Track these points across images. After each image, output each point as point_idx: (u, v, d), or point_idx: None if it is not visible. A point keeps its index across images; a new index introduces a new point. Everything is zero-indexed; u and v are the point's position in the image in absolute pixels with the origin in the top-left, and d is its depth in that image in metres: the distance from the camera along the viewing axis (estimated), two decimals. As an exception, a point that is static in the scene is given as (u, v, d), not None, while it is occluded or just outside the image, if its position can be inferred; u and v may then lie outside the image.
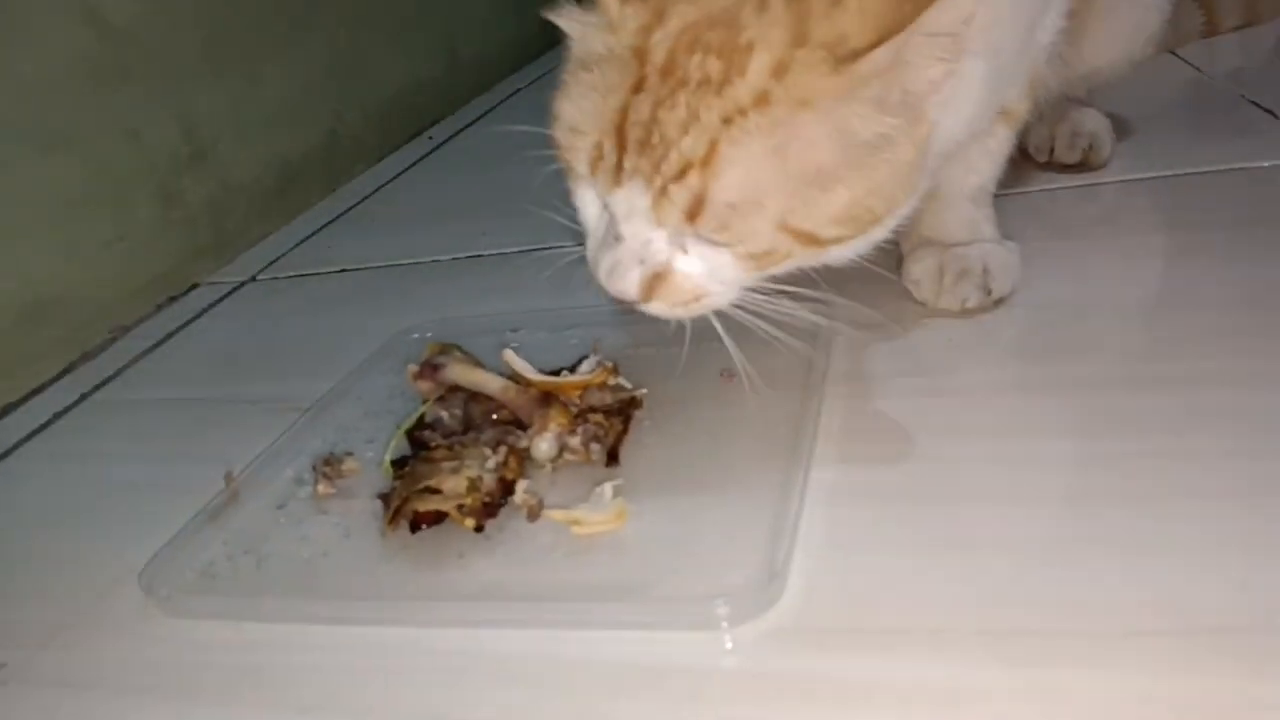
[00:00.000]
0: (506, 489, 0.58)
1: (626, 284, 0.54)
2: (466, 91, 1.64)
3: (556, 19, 0.57)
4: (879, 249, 0.58)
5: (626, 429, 0.62)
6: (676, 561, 0.52)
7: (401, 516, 0.57)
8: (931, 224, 0.72)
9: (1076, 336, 0.66)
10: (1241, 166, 0.84)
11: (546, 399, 0.62)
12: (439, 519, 0.56)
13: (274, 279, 1.07)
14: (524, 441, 0.61)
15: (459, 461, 0.58)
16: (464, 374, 0.66)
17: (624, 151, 0.52)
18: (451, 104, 1.60)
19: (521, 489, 0.58)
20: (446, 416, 0.64)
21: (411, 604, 0.53)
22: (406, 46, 1.50)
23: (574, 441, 0.60)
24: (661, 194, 0.51)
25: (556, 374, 0.65)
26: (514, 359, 0.65)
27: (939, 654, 0.44)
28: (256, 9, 1.20)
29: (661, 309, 0.56)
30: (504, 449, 0.60)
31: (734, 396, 0.64)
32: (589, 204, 0.57)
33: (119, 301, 1.00)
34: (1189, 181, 0.85)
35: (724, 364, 0.64)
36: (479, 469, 0.58)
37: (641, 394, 0.65)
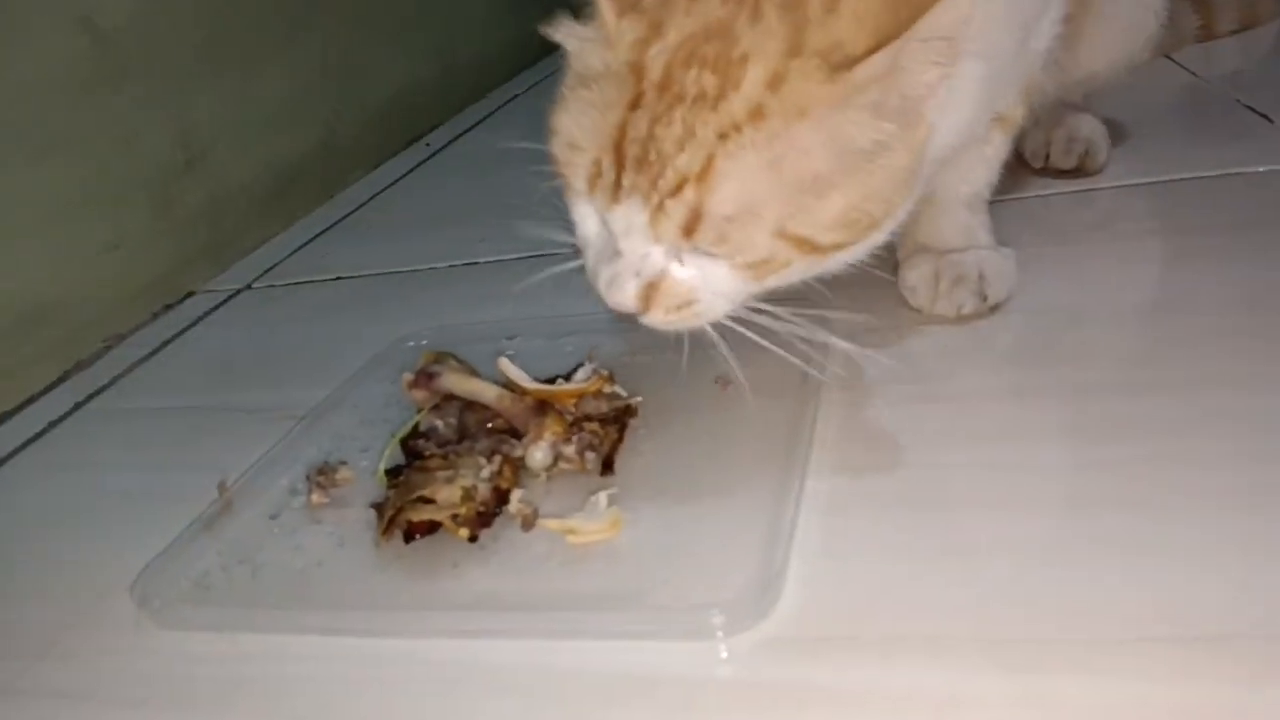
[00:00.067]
0: (501, 498, 0.58)
1: (624, 296, 0.54)
2: (463, 97, 1.64)
3: (554, 34, 0.57)
4: (876, 252, 0.58)
5: (622, 437, 0.62)
6: (671, 571, 0.51)
7: (396, 526, 0.56)
8: (927, 230, 0.72)
9: (1073, 342, 0.66)
10: (1237, 171, 0.84)
11: (541, 407, 0.62)
12: (433, 529, 0.56)
13: (270, 286, 1.07)
14: (519, 450, 0.61)
15: (453, 471, 0.58)
16: (459, 382, 0.65)
17: (622, 169, 0.52)
18: (448, 110, 1.60)
19: (516, 498, 0.57)
20: (441, 425, 0.64)
21: (405, 614, 0.53)
22: (402, 52, 1.49)
23: (569, 450, 0.60)
24: (658, 210, 0.51)
25: (552, 382, 0.65)
26: (509, 367, 0.65)
27: (936, 661, 0.44)
28: (252, 14, 1.20)
29: (658, 319, 0.55)
30: (499, 458, 0.59)
31: (729, 404, 0.64)
32: (587, 218, 0.57)
33: (114, 309, 1.00)
34: (1185, 186, 0.85)
35: (719, 372, 0.64)
36: (473, 478, 0.58)
37: (637, 402, 0.65)
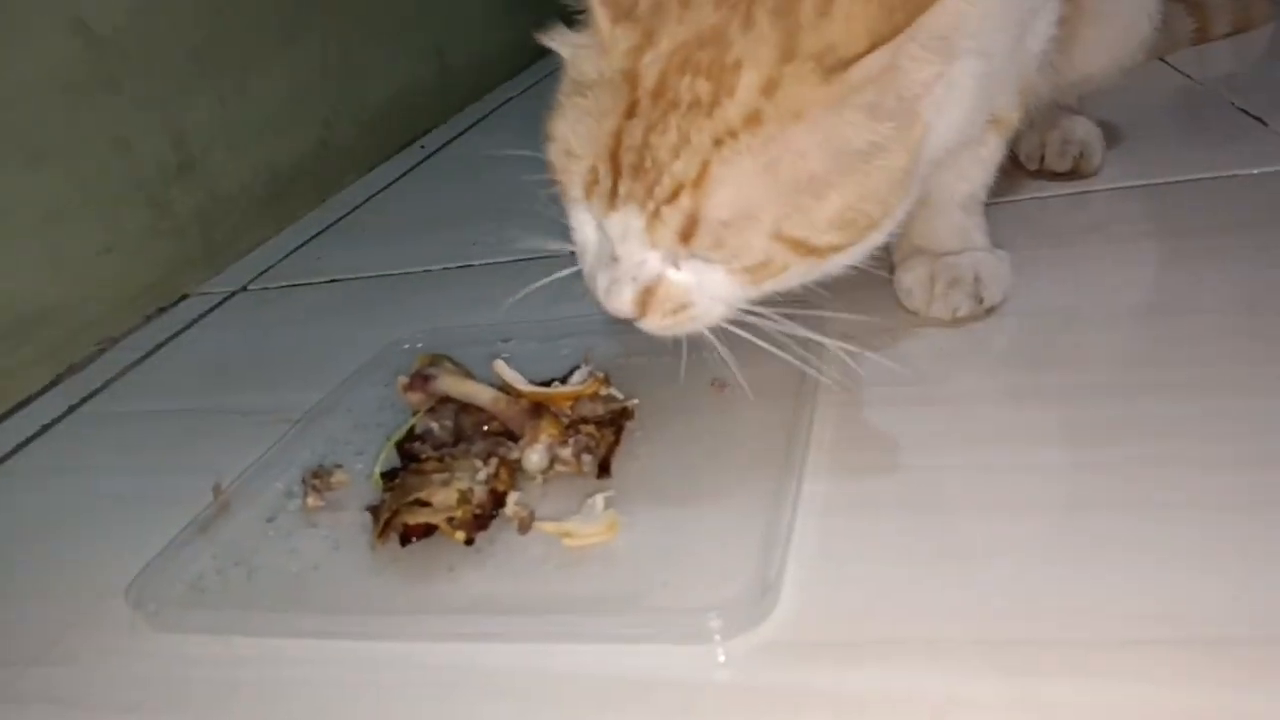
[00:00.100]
0: (497, 501, 0.57)
1: (622, 302, 0.54)
2: (458, 100, 1.64)
3: (549, 42, 0.57)
4: (875, 254, 0.58)
5: (618, 440, 0.62)
6: (668, 574, 0.51)
7: (391, 529, 0.56)
8: (923, 232, 0.72)
9: (1069, 344, 0.66)
10: (1232, 174, 0.85)
11: (537, 410, 0.62)
12: (429, 531, 0.56)
13: (264, 289, 1.07)
14: (515, 453, 0.60)
15: (449, 474, 0.58)
16: (454, 385, 0.65)
17: (618, 176, 0.52)
18: (443, 113, 1.59)
19: (512, 501, 0.57)
20: (437, 428, 0.64)
21: (401, 618, 0.53)
22: (397, 55, 1.49)
23: (565, 453, 0.60)
24: (655, 216, 0.51)
25: (548, 385, 0.65)
26: (505, 370, 0.65)
27: (934, 664, 0.44)
28: (247, 18, 1.20)
29: (654, 324, 0.55)
30: (495, 461, 0.59)
31: (726, 407, 0.64)
32: (584, 224, 0.57)
33: (108, 312, 0.99)
34: (1179, 189, 0.85)
35: (716, 374, 0.64)
36: (469, 481, 0.57)
37: (633, 404, 0.64)
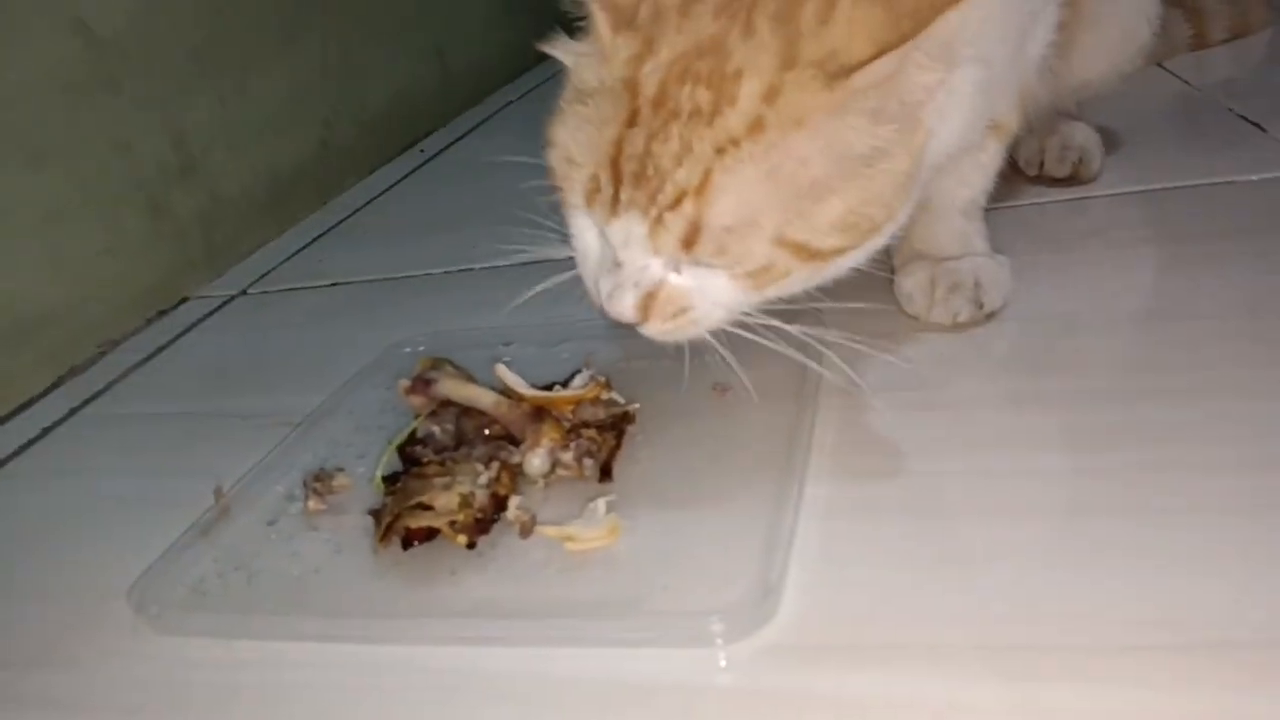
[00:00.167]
0: (499, 505, 0.58)
1: (624, 307, 0.54)
2: (458, 103, 1.64)
3: (550, 50, 0.57)
4: (877, 257, 0.58)
5: (619, 444, 0.62)
6: (670, 578, 0.51)
7: (393, 533, 0.56)
8: (923, 237, 0.72)
9: (1069, 349, 0.66)
10: (1230, 180, 0.85)
11: (539, 414, 0.62)
12: (431, 535, 0.56)
13: (265, 292, 1.07)
14: (516, 457, 0.60)
15: (451, 477, 0.58)
16: (456, 389, 0.65)
17: (620, 184, 0.52)
18: (443, 116, 1.60)
19: (514, 505, 0.57)
20: (438, 432, 0.64)
21: (403, 621, 0.53)
22: (397, 57, 1.49)
23: (567, 457, 0.60)
24: (657, 223, 0.51)
25: (549, 389, 0.65)
26: (506, 374, 0.65)
27: (936, 669, 0.44)
28: (246, 20, 1.20)
29: (655, 329, 0.55)
30: (496, 464, 0.59)
31: (727, 410, 0.64)
32: (584, 231, 0.57)
33: (108, 315, 0.99)
34: (1178, 195, 0.85)
35: (717, 378, 0.64)
36: (471, 485, 0.57)
37: (634, 409, 0.65)
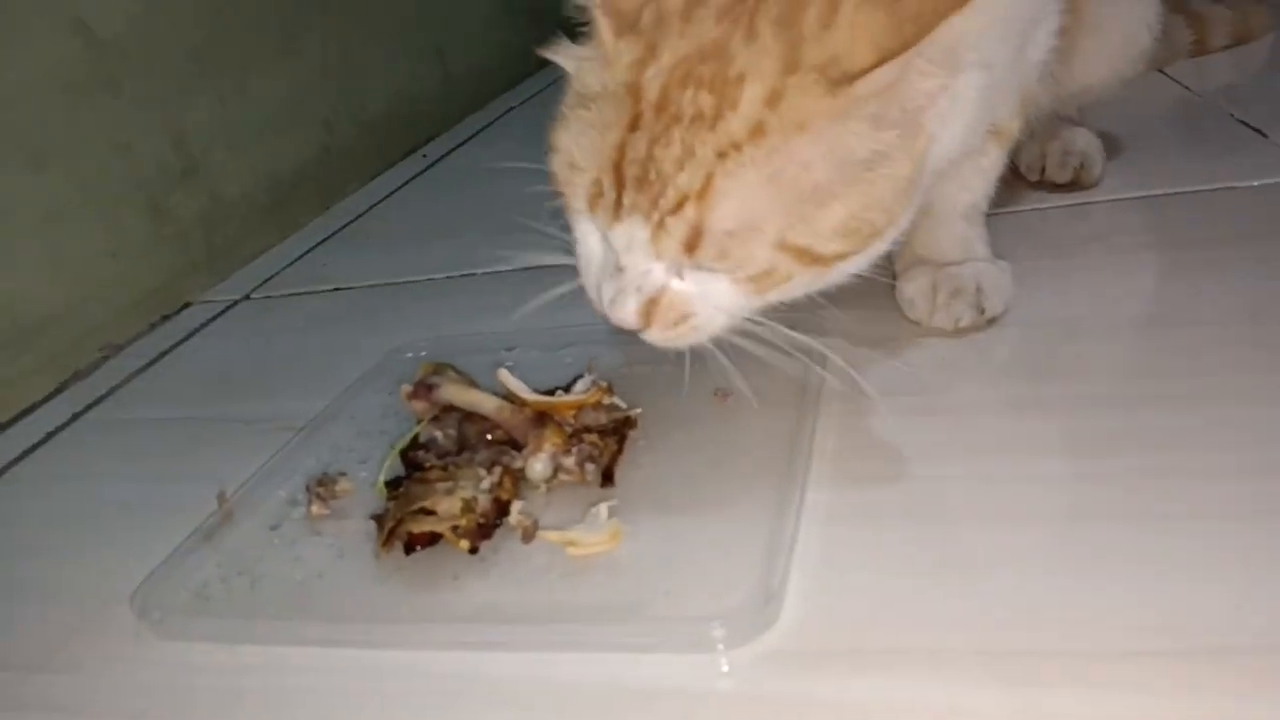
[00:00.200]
0: (501, 510, 0.58)
1: (626, 312, 0.54)
2: (460, 107, 1.64)
3: (553, 56, 0.57)
4: (879, 263, 0.58)
5: (621, 449, 0.62)
6: (672, 583, 0.51)
7: (396, 538, 0.56)
8: (925, 242, 0.72)
9: (1070, 354, 0.67)
10: (1231, 185, 0.85)
11: (541, 419, 0.62)
12: (433, 540, 0.56)
13: (267, 297, 1.07)
14: (519, 462, 0.61)
15: (453, 482, 0.58)
16: (458, 394, 0.65)
17: (622, 188, 0.52)
18: (447, 120, 1.60)
19: (516, 510, 0.57)
20: (441, 437, 0.64)
21: (406, 626, 0.53)
22: (398, 59, 1.49)
23: (569, 462, 0.60)
24: (659, 228, 0.51)
25: (551, 393, 0.65)
26: (508, 378, 0.65)
27: (937, 674, 0.44)
28: (247, 22, 1.20)
29: (657, 335, 0.56)
30: (499, 469, 0.60)
31: (729, 416, 0.64)
32: (588, 235, 0.57)
33: (111, 319, 0.99)
34: (1180, 200, 0.85)
35: (719, 383, 0.64)
36: (473, 490, 0.58)
37: (636, 414, 0.65)
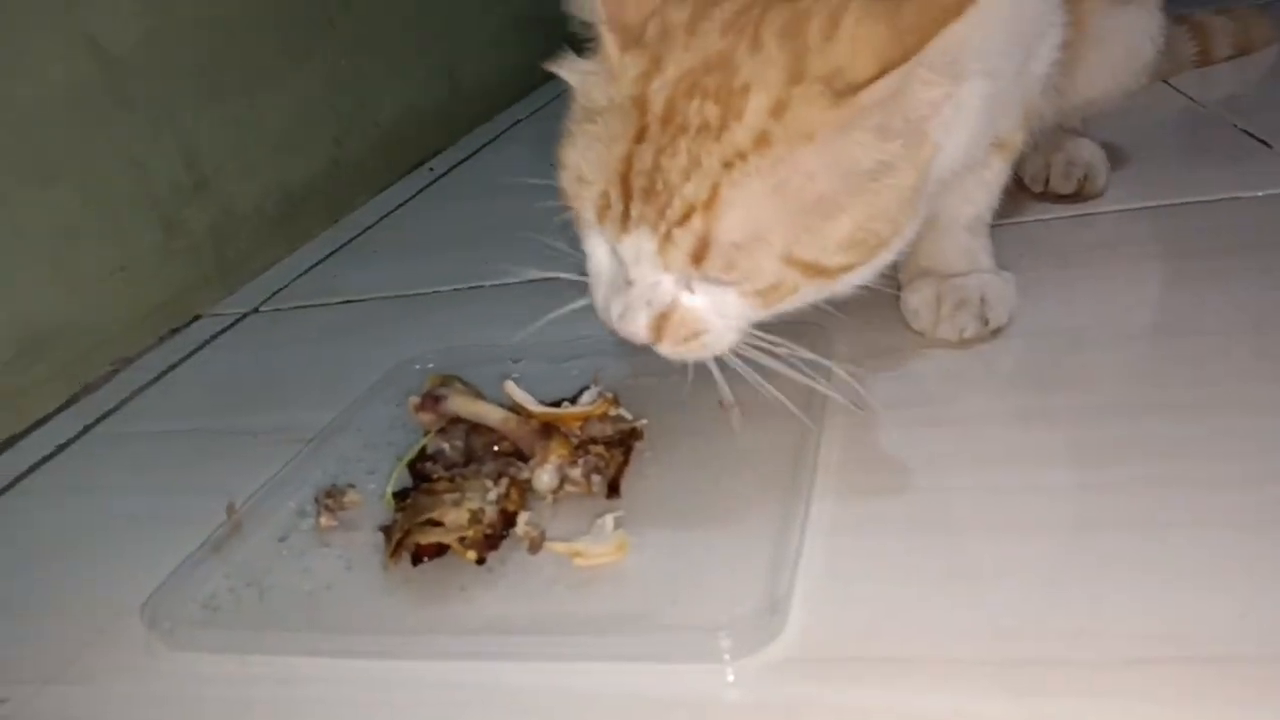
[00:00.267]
0: (508, 521, 0.58)
1: (636, 326, 0.55)
2: (468, 121, 1.65)
3: (558, 70, 0.58)
4: (884, 273, 0.58)
5: (627, 460, 0.62)
6: (678, 593, 0.52)
7: (403, 549, 0.57)
8: (929, 254, 0.73)
9: (1075, 364, 0.67)
10: (1236, 196, 0.85)
11: (547, 430, 0.62)
12: (441, 551, 0.56)
13: (277, 310, 1.07)
14: (525, 473, 0.61)
15: (460, 493, 0.58)
16: (465, 405, 0.66)
17: (630, 200, 0.53)
18: (454, 133, 1.60)
19: (523, 521, 0.58)
20: (448, 448, 0.64)
21: (414, 637, 0.53)
22: (408, 75, 1.50)
23: (575, 473, 0.60)
24: (667, 239, 0.52)
25: (557, 405, 0.65)
26: (515, 390, 0.66)
27: (942, 684, 0.44)
28: (257, 37, 1.21)
29: (667, 350, 0.56)
30: (505, 481, 0.60)
31: (734, 427, 0.64)
32: (598, 249, 0.58)
33: (121, 332, 1.00)
34: (1184, 211, 0.85)
35: (724, 395, 0.64)
36: (480, 501, 0.58)
37: (642, 425, 0.65)
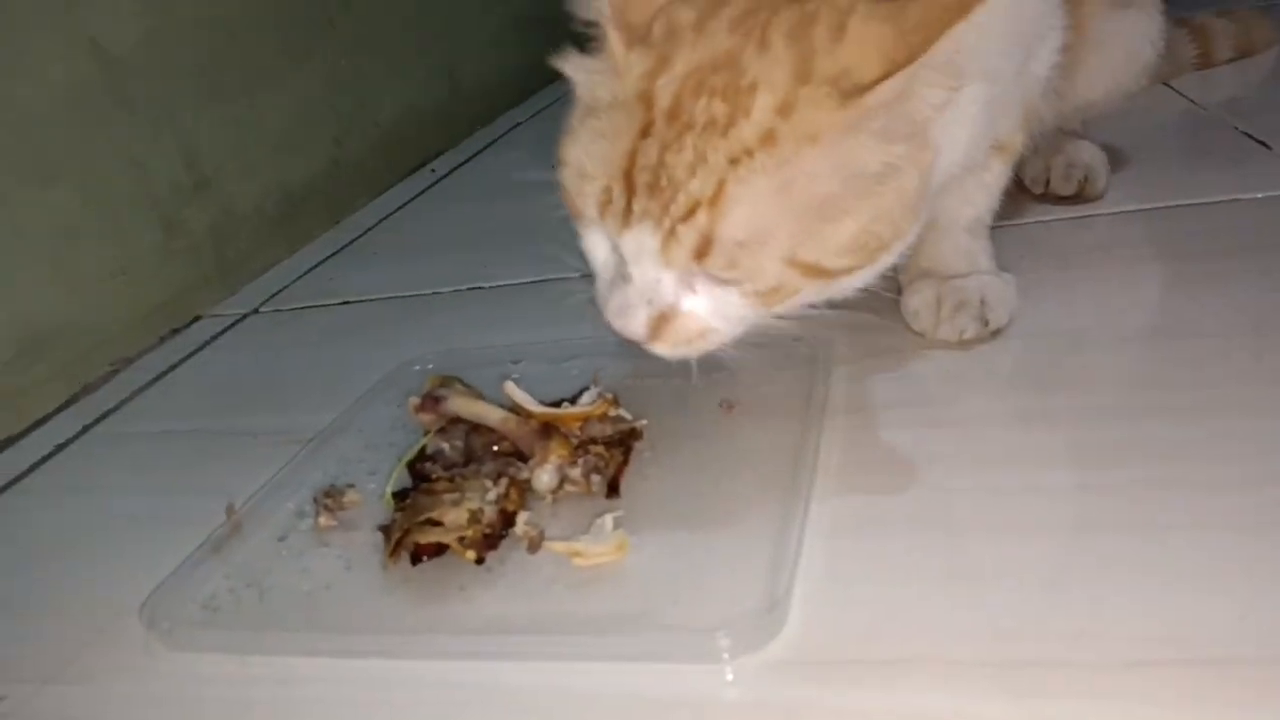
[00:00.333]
0: (507, 521, 0.58)
1: (634, 324, 0.55)
2: (468, 122, 1.65)
3: (563, 67, 0.58)
4: (886, 274, 0.58)
5: (627, 460, 0.62)
6: (677, 593, 0.52)
7: (403, 549, 0.57)
8: (929, 255, 0.73)
9: (1075, 366, 0.67)
10: (1236, 198, 0.85)
11: (547, 430, 0.62)
12: (440, 551, 0.56)
13: (277, 311, 1.08)
14: (525, 473, 0.61)
15: (460, 493, 0.58)
16: (465, 406, 0.66)
17: (633, 195, 0.53)
18: (455, 134, 1.60)
19: (522, 521, 0.58)
20: (447, 448, 0.64)
21: (413, 637, 0.53)
22: (407, 75, 1.50)
23: (574, 473, 0.60)
24: (670, 235, 0.52)
25: (557, 405, 0.65)
26: (515, 391, 0.66)
27: (942, 685, 0.44)
28: (257, 38, 1.21)
29: (666, 349, 0.56)
30: (505, 481, 0.60)
31: (734, 427, 0.64)
32: (598, 246, 0.58)
33: (121, 332, 1.00)
34: (1184, 212, 0.86)
35: (724, 395, 0.64)
36: (480, 501, 0.58)
37: (642, 425, 0.65)
